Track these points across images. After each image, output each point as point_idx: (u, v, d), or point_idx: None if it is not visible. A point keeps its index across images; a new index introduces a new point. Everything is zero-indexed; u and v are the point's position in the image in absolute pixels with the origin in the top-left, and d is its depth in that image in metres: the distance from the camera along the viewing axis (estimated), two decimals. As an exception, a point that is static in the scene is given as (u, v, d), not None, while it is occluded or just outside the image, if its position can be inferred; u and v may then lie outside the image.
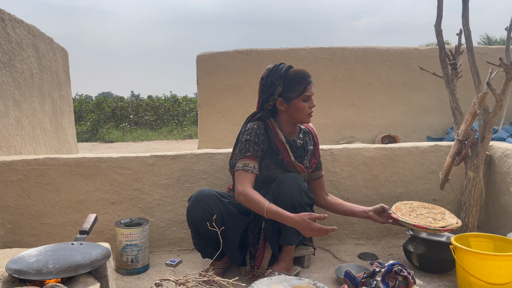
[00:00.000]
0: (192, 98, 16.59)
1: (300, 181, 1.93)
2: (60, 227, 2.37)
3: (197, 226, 1.93)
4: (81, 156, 2.37)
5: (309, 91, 2.02)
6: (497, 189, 2.48)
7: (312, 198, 1.99)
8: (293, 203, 1.86)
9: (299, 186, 1.90)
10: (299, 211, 1.86)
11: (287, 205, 1.86)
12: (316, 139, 2.21)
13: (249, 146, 1.96)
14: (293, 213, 1.78)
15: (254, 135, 1.99)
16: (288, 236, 1.92)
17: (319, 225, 1.75)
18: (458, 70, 2.42)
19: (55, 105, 3.95)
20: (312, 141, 2.18)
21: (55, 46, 4.09)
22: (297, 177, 1.94)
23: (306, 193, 1.92)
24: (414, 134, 5.53)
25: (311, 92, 2.03)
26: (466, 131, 2.27)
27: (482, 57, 4.96)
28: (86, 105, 15.10)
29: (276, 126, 2.06)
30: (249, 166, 1.93)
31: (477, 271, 1.73)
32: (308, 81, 2.02)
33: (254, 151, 1.96)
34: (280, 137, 2.03)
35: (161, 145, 10.00)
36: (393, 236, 2.60)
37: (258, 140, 1.98)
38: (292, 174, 1.97)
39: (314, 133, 2.22)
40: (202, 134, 5.47)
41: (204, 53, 5.39)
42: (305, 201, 1.90)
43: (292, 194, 1.87)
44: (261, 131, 2.01)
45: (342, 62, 5.38)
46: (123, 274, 2.12)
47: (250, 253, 2.05)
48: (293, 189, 1.88)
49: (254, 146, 1.97)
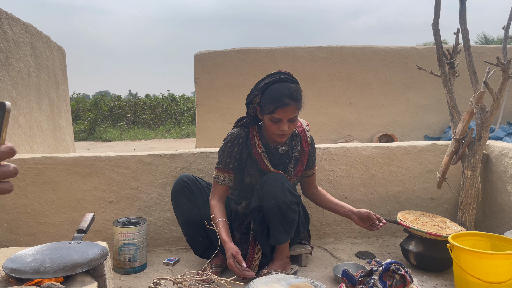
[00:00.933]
0: (189, 97, 16.57)
1: (283, 180, 1.91)
2: (58, 226, 2.36)
3: (177, 200, 2.08)
4: (79, 155, 2.37)
5: (280, 115, 1.84)
6: (494, 188, 2.48)
7: (297, 196, 1.98)
8: (277, 203, 1.86)
9: (282, 185, 1.88)
10: (285, 210, 1.88)
11: (272, 205, 1.87)
12: (305, 143, 2.07)
13: (222, 157, 2.02)
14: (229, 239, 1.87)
15: (230, 145, 2.00)
16: (277, 235, 1.93)
17: (236, 269, 1.77)
18: (455, 69, 2.42)
19: (52, 104, 3.94)
20: (299, 146, 2.06)
21: (52, 44, 4.07)
22: (280, 176, 1.93)
23: (290, 191, 1.91)
24: (412, 133, 5.55)
25: (283, 116, 1.85)
26: (464, 130, 2.28)
27: (479, 57, 4.97)
28: (84, 104, 15.06)
29: (256, 135, 2.02)
30: (219, 178, 2.02)
31: (474, 269, 1.73)
32: (282, 103, 1.83)
33: (226, 164, 2.01)
34: (257, 148, 2.00)
35: (158, 144, 9.99)
36: (391, 235, 2.61)
37: (233, 151, 2.00)
38: (275, 173, 1.95)
39: (303, 136, 2.08)
40: (200, 133, 5.46)
41: (202, 52, 5.39)
42: (289, 199, 1.88)
43: (276, 194, 1.87)
44: (238, 140, 2.00)
45: (340, 61, 5.39)
46: (121, 273, 2.11)
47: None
48: (276, 189, 1.87)
49: (227, 159, 2.00)
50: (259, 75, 5.34)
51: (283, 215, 1.88)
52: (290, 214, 1.89)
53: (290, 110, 1.85)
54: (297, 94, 1.88)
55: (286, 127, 1.87)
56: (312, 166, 2.17)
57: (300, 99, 1.90)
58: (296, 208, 1.94)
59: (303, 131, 2.10)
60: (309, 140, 2.10)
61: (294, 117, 1.88)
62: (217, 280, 1.55)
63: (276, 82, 1.89)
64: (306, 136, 2.09)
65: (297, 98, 1.87)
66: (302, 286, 1.73)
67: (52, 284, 1.24)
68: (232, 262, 1.81)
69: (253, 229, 2.02)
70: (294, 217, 1.92)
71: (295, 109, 1.86)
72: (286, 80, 1.91)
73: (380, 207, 2.60)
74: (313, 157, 2.16)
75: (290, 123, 1.89)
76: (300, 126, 2.11)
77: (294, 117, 1.88)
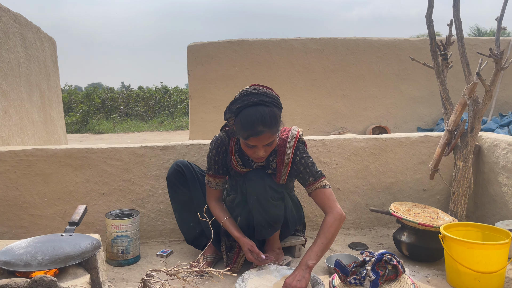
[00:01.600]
0: (183, 89, 16.47)
1: (264, 176, 1.88)
2: (49, 219, 2.35)
3: (170, 183, 2.12)
4: (70, 147, 2.34)
5: (253, 142, 1.73)
6: (485, 179, 2.50)
7: (280, 192, 1.92)
8: (259, 199, 1.86)
9: (263, 182, 1.86)
10: (267, 206, 1.86)
11: (254, 201, 1.87)
12: (280, 160, 1.87)
13: (210, 164, 2.01)
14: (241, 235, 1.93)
15: (215, 153, 1.99)
16: (261, 230, 1.93)
17: (257, 261, 1.87)
18: (448, 61, 2.43)
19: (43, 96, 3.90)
20: (274, 163, 1.90)
21: (42, 35, 4.02)
22: (262, 173, 1.90)
23: (271, 187, 1.87)
24: (405, 125, 5.57)
25: (257, 143, 1.74)
26: (456, 122, 2.28)
27: (472, 48, 4.99)
28: (76, 96, 14.92)
29: (233, 150, 1.96)
30: (211, 183, 2.03)
31: (466, 259, 1.75)
32: (255, 132, 1.69)
33: (215, 170, 2.01)
34: (234, 163, 1.96)
35: (152, 136, 9.94)
36: (383, 226, 2.62)
37: (218, 158, 1.99)
38: (256, 170, 1.93)
39: (280, 152, 1.87)
40: (193, 125, 5.44)
41: (195, 44, 5.35)
42: (270, 195, 1.86)
43: (257, 191, 1.86)
44: (222, 148, 1.98)
45: (334, 53, 5.38)
46: (114, 265, 2.11)
47: (225, 244, 2.06)
48: (257, 185, 1.86)
49: (215, 165, 2.00)
50: (253, 67, 5.35)
51: (265, 211, 1.87)
52: (272, 210, 1.88)
53: (265, 137, 1.72)
54: (272, 120, 1.71)
55: (261, 153, 1.77)
56: (308, 182, 1.87)
57: (275, 123, 1.73)
58: (279, 203, 1.92)
59: (283, 145, 1.87)
60: (287, 157, 1.86)
61: (271, 142, 1.77)
62: (210, 271, 1.55)
63: (249, 106, 1.72)
64: (284, 152, 1.87)
65: (272, 124, 1.71)
66: None
67: (44, 277, 1.23)
68: (250, 256, 1.87)
69: (239, 224, 2.02)
70: (277, 212, 1.91)
71: (270, 136, 1.73)
72: (260, 103, 1.72)
73: (373, 198, 2.61)
74: (306, 170, 1.86)
75: (267, 147, 1.78)
76: (284, 138, 1.89)
77: (270, 142, 1.76)
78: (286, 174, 1.91)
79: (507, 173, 2.31)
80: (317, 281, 1.76)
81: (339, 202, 2.56)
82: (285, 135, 1.91)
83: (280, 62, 5.34)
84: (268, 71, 5.32)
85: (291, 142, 1.88)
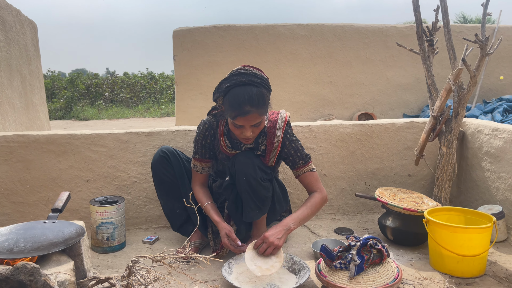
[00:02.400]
0: (169, 75, 16.27)
1: (253, 157, 1.89)
2: (32, 206, 2.31)
3: (156, 170, 2.09)
4: (53, 133, 2.30)
5: (241, 122, 1.74)
6: (469, 164, 2.54)
7: (268, 173, 1.93)
8: (248, 180, 1.85)
9: (252, 162, 1.86)
10: (256, 187, 1.86)
11: (243, 182, 1.86)
12: (270, 142, 1.90)
13: (197, 148, 2.01)
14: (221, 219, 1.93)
15: (202, 137, 1.98)
16: (249, 211, 1.92)
17: (231, 247, 1.86)
18: (434, 47, 2.43)
19: (24, 81, 3.80)
20: (264, 145, 1.92)
21: (23, 18, 3.90)
22: (251, 154, 1.91)
23: (261, 168, 1.89)
24: (391, 112, 5.61)
25: (244, 123, 1.75)
26: (441, 107, 2.30)
27: (458, 35, 5.01)
28: (59, 82, 14.61)
29: (222, 132, 1.95)
30: (197, 167, 2.03)
31: (448, 243, 1.78)
32: (242, 111, 1.71)
33: (201, 154, 2.01)
34: (223, 146, 1.96)
35: (137, 123, 9.83)
36: (369, 211, 2.65)
37: (206, 142, 1.98)
38: (245, 151, 1.93)
39: (270, 134, 1.90)
40: (180, 111, 5.39)
41: (181, 28, 5.27)
42: (259, 176, 1.86)
43: (246, 171, 1.85)
44: (210, 132, 1.97)
45: (321, 39, 5.35)
46: (99, 252, 2.09)
47: (212, 229, 2.07)
48: (246, 166, 1.86)
49: (202, 149, 2.00)
50: (240, 52, 5.30)
51: (254, 192, 1.87)
52: (261, 191, 1.88)
53: (252, 117, 1.73)
54: (260, 100, 1.72)
55: (248, 133, 1.78)
56: (298, 165, 1.94)
57: (263, 104, 1.74)
58: (268, 185, 1.92)
59: (273, 127, 1.91)
60: (277, 138, 1.90)
61: (258, 123, 1.77)
62: (196, 257, 1.54)
63: (237, 85, 1.74)
64: (274, 134, 1.90)
65: (260, 104, 1.72)
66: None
67: (26, 263, 1.21)
68: (226, 241, 1.86)
69: (227, 207, 2.02)
70: (266, 194, 1.91)
71: (257, 116, 1.74)
72: (249, 83, 1.73)
73: (359, 184, 2.63)
74: (297, 153, 1.93)
75: (254, 128, 1.79)
76: (273, 121, 1.92)
77: (257, 123, 1.77)
78: (275, 156, 1.93)
79: (490, 159, 2.34)
80: (303, 266, 1.77)
81: (326, 187, 2.58)
82: (274, 117, 1.94)
83: (267, 48, 5.30)
84: (255, 57, 5.28)
85: (280, 125, 1.92)
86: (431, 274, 1.82)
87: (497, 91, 5.61)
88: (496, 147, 2.30)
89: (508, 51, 5.54)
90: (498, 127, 2.31)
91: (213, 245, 2.02)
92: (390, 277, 1.61)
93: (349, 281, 1.59)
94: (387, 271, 1.63)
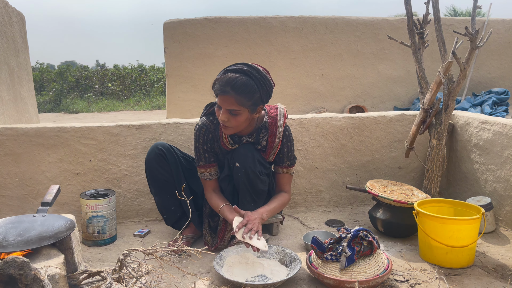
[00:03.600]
0: (160, 68, 16.13)
1: (253, 150, 1.91)
2: (21, 200, 2.28)
3: (151, 167, 2.03)
4: (42, 126, 2.27)
5: (219, 101, 1.79)
6: (458, 156, 2.56)
7: (267, 167, 1.97)
8: (246, 172, 1.86)
9: (252, 155, 1.88)
10: (254, 180, 1.87)
11: (242, 174, 1.87)
12: (271, 138, 1.94)
13: (200, 155, 1.98)
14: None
15: (202, 142, 1.96)
16: (244, 204, 1.93)
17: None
18: (425, 40, 2.44)
19: (12, 73, 3.74)
20: (265, 141, 1.95)
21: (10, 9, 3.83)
22: (251, 147, 1.92)
23: (260, 162, 1.91)
24: (382, 105, 5.63)
25: (221, 104, 1.78)
26: (431, 100, 2.31)
27: (448, 28, 5.04)
28: (48, 74, 14.42)
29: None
30: (204, 175, 2.00)
31: (438, 234, 1.80)
32: (221, 90, 1.75)
33: (205, 159, 1.98)
34: (224, 140, 1.96)
35: (128, 116, 9.75)
36: (359, 203, 2.67)
37: (207, 147, 1.97)
38: (246, 144, 1.94)
39: (272, 130, 1.94)
40: (171, 104, 5.35)
41: (172, 20, 5.21)
42: (258, 169, 1.88)
43: (245, 164, 1.86)
44: (208, 135, 1.96)
45: (312, 32, 5.34)
46: (90, 245, 2.08)
47: (208, 224, 2.06)
48: (246, 158, 1.87)
49: (205, 154, 1.98)
50: (231, 45, 5.27)
51: (251, 185, 1.88)
52: (258, 184, 1.90)
53: (228, 100, 1.75)
54: (242, 87, 1.74)
55: (223, 116, 1.78)
56: (283, 164, 2.01)
57: (244, 93, 1.75)
58: (265, 179, 1.94)
59: (274, 123, 1.94)
60: (279, 134, 1.93)
61: (234, 110, 1.77)
62: (188, 250, 1.54)
63: (232, 71, 1.79)
64: (276, 130, 1.93)
65: (240, 91, 1.74)
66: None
67: (16, 257, 1.20)
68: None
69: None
70: (263, 187, 1.92)
71: (233, 101, 1.74)
72: (241, 71, 1.78)
73: (350, 176, 2.65)
74: (288, 153, 1.99)
75: (230, 116, 1.78)
76: (273, 116, 1.96)
77: (233, 109, 1.76)
78: (276, 152, 1.97)
79: (479, 151, 2.37)
80: (294, 258, 1.78)
81: (317, 180, 2.60)
82: (274, 113, 1.98)
83: (258, 41, 5.28)
84: (246, 50, 5.26)
85: (281, 120, 1.96)
86: (421, 265, 1.84)
87: (486, 84, 5.67)
88: (485, 139, 2.32)
89: (497, 44, 5.58)
90: (487, 120, 2.33)
91: (211, 240, 2.02)
92: (380, 268, 1.62)
93: (340, 272, 1.60)
94: (377, 262, 1.65)
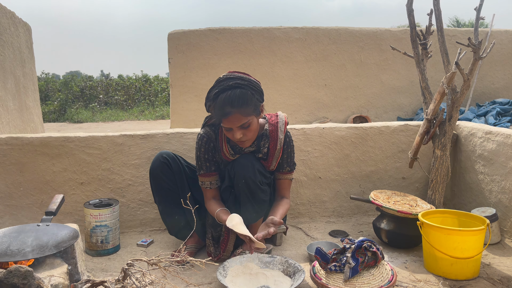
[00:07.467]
0: (164, 78, 16.25)
1: (254, 160, 1.90)
2: (26, 209, 2.29)
3: (155, 176, 2.02)
4: (47, 135, 2.28)
5: (226, 124, 1.78)
6: (462, 167, 2.56)
7: (268, 177, 1.95)
8: (247, 182, 1.86)
9: (252, 165, 1.87)
10: (255, 190, 1.87)
11: (242, 185, 1.86)
12: (273, 145, 1.94)
13: (201, 164, 1.98)
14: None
15: (204, 151, 1.96)
16: (246, 214, 1.91)
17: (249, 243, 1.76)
18: (428, 50, 2.45)
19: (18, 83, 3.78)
20: (266, 148, 1.95)
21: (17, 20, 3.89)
22: (251, 157, 1.91)
23: (260, 171, 1.90)
24: (385, 115, 5.63)
25: (230, 125, 1.77)
26: (435, 110, 2.32)
27: (451, 39, 5.05)
28: (53, 84, 14.55)
29: (225, 139, 1.95)
30: (205, 184, 2.00)
31: (443, 245, 1.79)
32: (223, 113, 1.73)
33: (206, 168, 1.98)
34: (225, 152, 1.95)
35: (132, 125, 9.80)
36: (363, 213, 2.66)
37: (208, 156, 1.97)
38: (246, 154, 1.93)
39: (273, 137, 1.95)
40: (174, 114, 5.38)
41: (176, 31, 5.26)
42: (259, 179, 1.88)
43: (246, 174, 1.86)
44: (210, 145, 1.96)
45: (316, 42, 5.37)
46: (93, 255, 2.08)
47: (211, 234, 2.04)
48: (246, 168, 1.86)
49: (206, 163, 1.97)
50: (235, 55, 5.31)
51: (252, 195, 1.88)
52: (259, 195, 1.89)
53: (234, 118, 1.74)
54: (240, 100, 1.73)
55: (238, 135, 1.79)
56: (283, 170, 2.02)
57: (244, 104, 1.74)
58: (266, 188, 1.93)
59: (275, 130, 1.95)
60: (280, 141, 1.95)
61: (245, 123, 1.77)
62: (192, 261, 1.54)
63: (222, 91, 1.76)
64: (277, 137, 1.94)
65: (240, 104, 1.73)
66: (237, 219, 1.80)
67: (19, 267, 1.20)
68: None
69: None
70: (264, 197, 1.92)
71: (240, 116, 1.74)
72: (235, 86, 1.75)
73: (353, 187, 2.64)
74: (288, 159, 2.01)
75: (244, 130, 1.79)
76: (274, 124, 1.96)
77: (244, 123, 1.77)
78: (278, 160, 1.97)
79: (483, 161, 2.36)
80: (297, 268, 1.77)
81: (320, 190, 2.59)
82: (274, 120, 1.98)
83: (262, 51, 5.31)
84: (250, 60, 5.29)
85: (281, 127, 1.97)
86: (425, 277, 1.83)
87: (490, 95, 5.66)
88: (489, 150, 2.32)
89: (500, 55, 5.59)
90: (491, 130, 2.33)
91: (214, 250, 2.01)
92: (385, 280, 1.61)
93: (343, 283, 1.59)
94: (382, 273, 1.63)
